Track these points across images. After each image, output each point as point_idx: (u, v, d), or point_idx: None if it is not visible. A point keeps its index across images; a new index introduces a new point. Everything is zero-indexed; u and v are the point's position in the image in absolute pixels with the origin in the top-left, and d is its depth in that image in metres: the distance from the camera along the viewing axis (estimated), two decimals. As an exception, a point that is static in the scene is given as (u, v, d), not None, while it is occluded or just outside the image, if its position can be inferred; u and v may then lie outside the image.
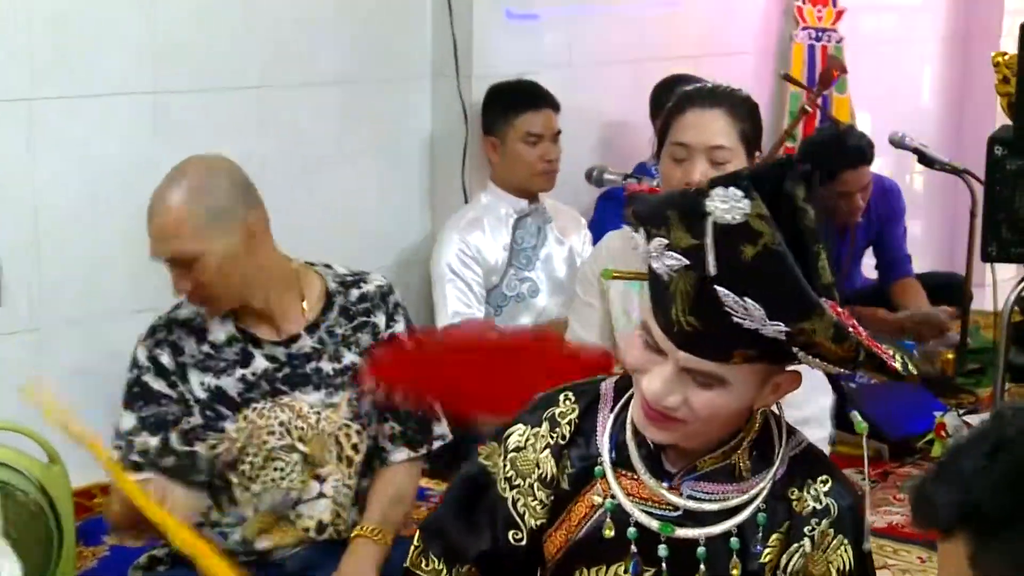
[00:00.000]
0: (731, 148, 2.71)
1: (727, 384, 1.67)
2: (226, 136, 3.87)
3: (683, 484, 1.79)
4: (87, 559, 3.41)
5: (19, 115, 3.44)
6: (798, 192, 1.61)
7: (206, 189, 2.57)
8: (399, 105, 4.43)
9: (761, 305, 1.57)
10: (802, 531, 1.79)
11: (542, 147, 4.12)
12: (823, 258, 1.64)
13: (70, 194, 3.57)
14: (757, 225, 1.55)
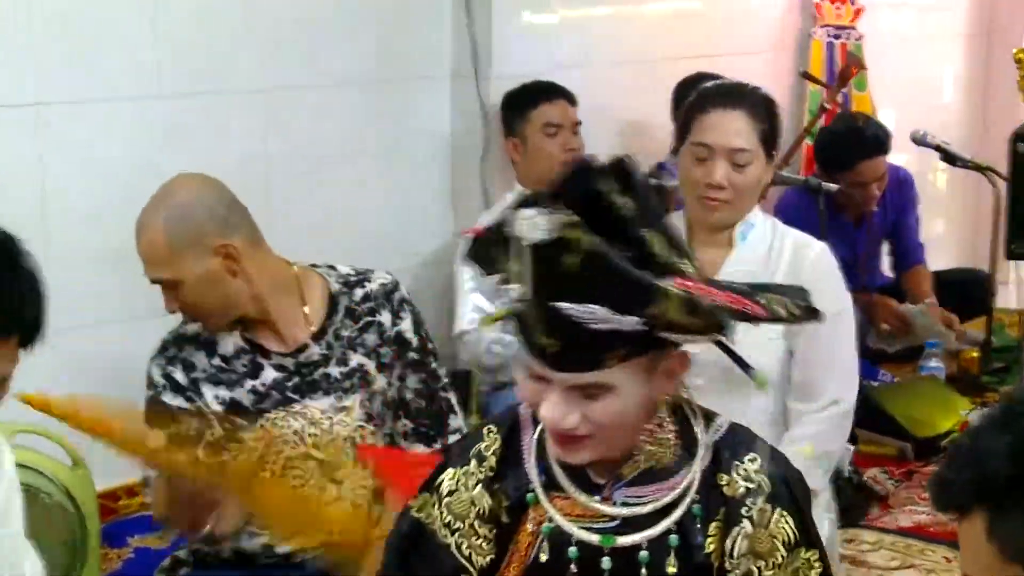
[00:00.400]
0: (751, 150, 2.73)
1: (615, 388, 1.67)
2: (236, 139, 3.88)
3: (614, 493, 1.79)
4: (112, 561, 3.42)
5: (27, 119, 3.45)
6: (608, 188, 1.63)
7: (181, 216, 2.60)
8: (418, 106, 4.43)
9: (605, 306, 1.59)
10: (739, 513, 1.78)
11: (562, 137, 4.10)
12: (656, 241, 1.64)
13: (77, 198, 3.57)
14: (569, 234, 1.58)
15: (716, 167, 2.72)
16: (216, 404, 2.64)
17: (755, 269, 2.78)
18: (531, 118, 4.11)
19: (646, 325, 1.61)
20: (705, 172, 2.73)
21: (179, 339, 2.70)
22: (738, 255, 2.80)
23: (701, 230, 2.83)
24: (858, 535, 3.79)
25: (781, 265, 2.79)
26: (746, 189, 2.76)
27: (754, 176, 2.76)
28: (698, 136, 2.75)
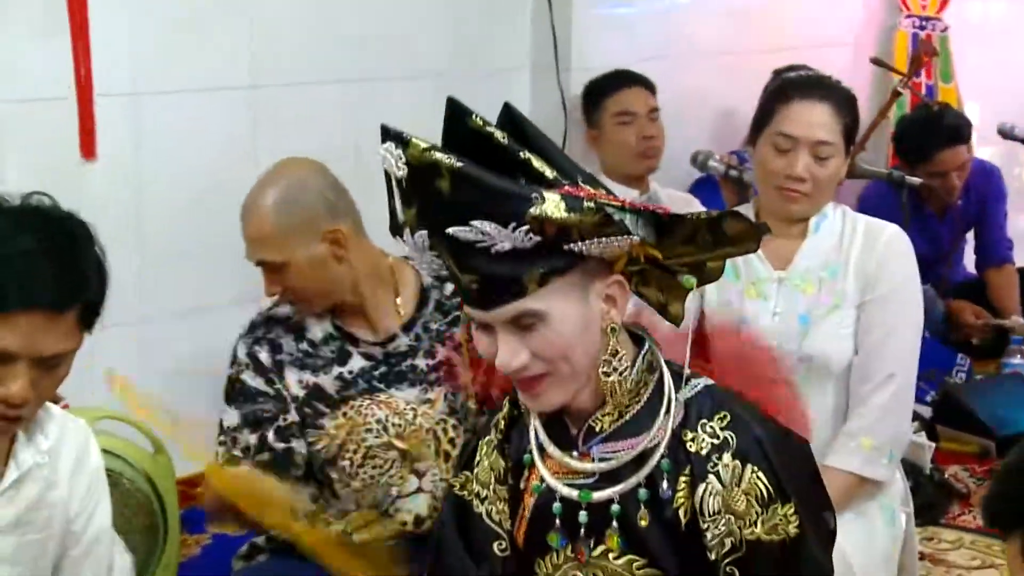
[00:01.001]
0: (834, 143, 2.71)
1: (548, 315, 1.72)
2: (325, 129, 3.91)
3: (592, 449, 1.83)
4: (191, 547, 3.47)
5: (124, 109, 3.50)
6: (475, 123, 1.70)
7: (293, 199, 2.61)
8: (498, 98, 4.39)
9: (489, 221, 1.63)
10: (705, 469, 1.79)
11: (638, 125, 4.07)
12: (537, 161, 1.69)
13: (170, 188, 3.62)
14: (429, 158, 1.64)
15: (798, 159, 2.69)
16: (298, 388, 2.66)
17: (828, 257, 2.76)
18: (606, 107, 4.09)
19: (534, 234, 1.64)
20: (786, 163, 2.71)
21: (269, 320, 2.72)
22: (811, 245, 2.77)
23: (774, 220, 2.79)
24: (938, 533, 3.75)
25: (854, 250, 2.76)
26: (826, 182, 2.74)
27: (834, 170, 2.73)
28: (781, 126, 2.72)
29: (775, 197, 2.77)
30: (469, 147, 1.68)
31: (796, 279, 2.76)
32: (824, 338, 2.73)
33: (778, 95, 2.78)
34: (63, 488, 2.08)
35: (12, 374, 1.84)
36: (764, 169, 2.77)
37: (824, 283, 2.75)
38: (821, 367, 2.75)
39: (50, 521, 2.05)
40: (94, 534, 2.15)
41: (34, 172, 3.05)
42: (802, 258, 2.76)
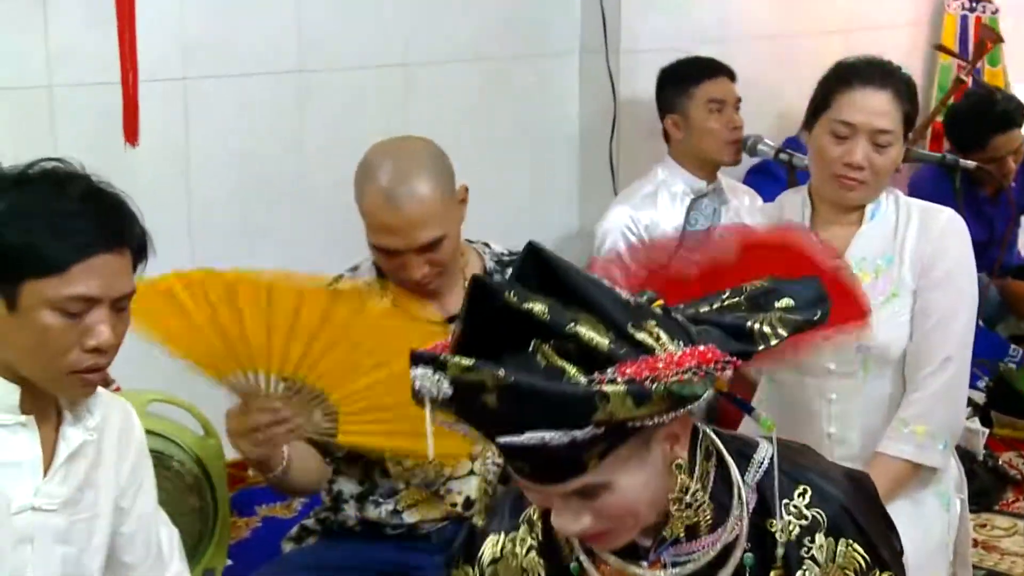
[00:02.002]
0: (894, 132, 2.67)
1: (611, 484, 1.56)
2: (372, 114, 3.92)
3: (662, 555, 1.69)
4: (240, 529, 3.49)
5: (174, 94, 3.51)
6: (511, 300, 1.49)
7: (439, 170, 2.54)
8: (547, 81, 4.42)
9: (547, 428, 1.46)
10: (800, 555, 1.69)
11: (727, 114, 4.01)
12: (586, 328, 1.49)
13: (220, 172, 3.63)
14: (472, 378, 1.47)
15: (857, 147, 2.65)
16: None
17: (884, 245, 2.73)
18: (694, 94, 4.01)
19: (601, 429, 1.47)
20: (845, 151, 2.66)
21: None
22: (866, 232, 2.74)
23: (828, 208, 2.77)
24: (991, 520, 3.72)
25: (910, 235, 2.73)
26: (884, 171, 2.70)
27: (893, 158, 2.69)
28: (840, 113, 2.67)
29: (832, 184, 2.73)
30: (502, 327, 1.50)
31: (851, 267, 2.73)
32: (883, 327, 2.70)
33: (837, 80, 2.73)
34: (109, 467, 2.09)
35: (98, 319, 1.88)
36: (821, 156, 2.72)
37: (881, 272, 2.72)
38: (880, 357, 2.72)
39: (97, 500, 2.07)
40: (143, 510, 2.17)
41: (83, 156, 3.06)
42: (857, 246, 2.73)
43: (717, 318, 1.61)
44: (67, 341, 1.88)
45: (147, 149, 3.45)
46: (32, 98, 3.24)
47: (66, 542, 2.02)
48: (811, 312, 1.65)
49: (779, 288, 1.67)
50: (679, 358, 1.49)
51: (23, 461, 1.96)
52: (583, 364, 1.48)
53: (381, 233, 2.51)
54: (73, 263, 1.85)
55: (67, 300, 1.85)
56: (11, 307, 1.87)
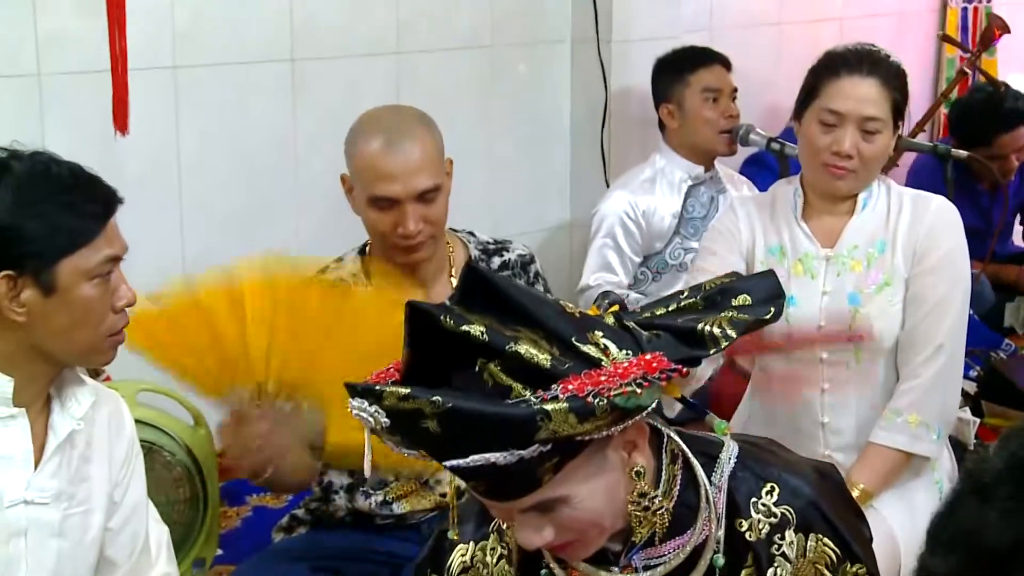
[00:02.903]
0: (883, 119, 2.67)
1: (570, 497, 1.54)
2: (366, 103, 3.88)
3: (632, 559, 1.68)
4: (231, 519, 3.48)
5: (164, 82, 3.50)
6: (447, 324, 1.47)
7: (432, 127, 2.61)
8: (539, 70, 4.41)
9: (494, 450, 1.44)
10: (771, 552, 1.68)
11: (723, 104, 4.00)
12: (526, 346, 1.47)
13: (210, 160, 3.62)
14: (408, 406, 1.44)
15: (845, 135, 2.65)
16: None
17: (875, 233, 2.72)
18: (690, 82, 3.99)
19: (543, 445, 1.46)
20: (833, 139, 2.66)
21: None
22: (858, 221, 2.74)
23: (820, 198, 2.77)
24: (982, 510, 3.70)
25: (902, 224, 2.72)
26: (873, 159, 2.69)
27: (882, 146, 2.69)
28: (828, 102, 2.67)
29: (820, 173, 2.72)
30: (442, 349, 1.48)
31: (844, 257, 2.73)
32: (875, 316, 2.70)
33: (825, 69, 2.73)
34: (102, 459, 2.08)
35: (119, 279, 1.99)
36: (810, 145, 2.72)
37: (873, 260, 2.72)
38: (873, 346, 2.71)
39: (91, 495, 2.06)
40: (131, 503, 2.16)
41: (73, 145, 3.05)
42: (849, 235, 2.73)
43: (670, 321, 1.60)
44: (104, 307, 1.96)
45: (138, 138, 3.43)
46: (21, 86, 3.23)
47: (60, 536, 2.02)
48: (764, 309, 1.63)
49: (736, 286, 1.66)
50: (624, 370, 1.48)
51: (14, 454, 1.96)
52: (528, 381, 1.46)
53: (380, 181, 2.53)
54: (99, 231, 1.94)
55: (100, 265, 1.94)
56: (48, 291, 1.90)
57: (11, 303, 1.90)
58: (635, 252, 3.90)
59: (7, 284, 1.89)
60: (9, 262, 1.89)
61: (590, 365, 1.48)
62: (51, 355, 1.96)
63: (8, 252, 1.88)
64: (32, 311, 1.91)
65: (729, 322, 1.59)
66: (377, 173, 2.54)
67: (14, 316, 1.90)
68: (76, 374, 2.06)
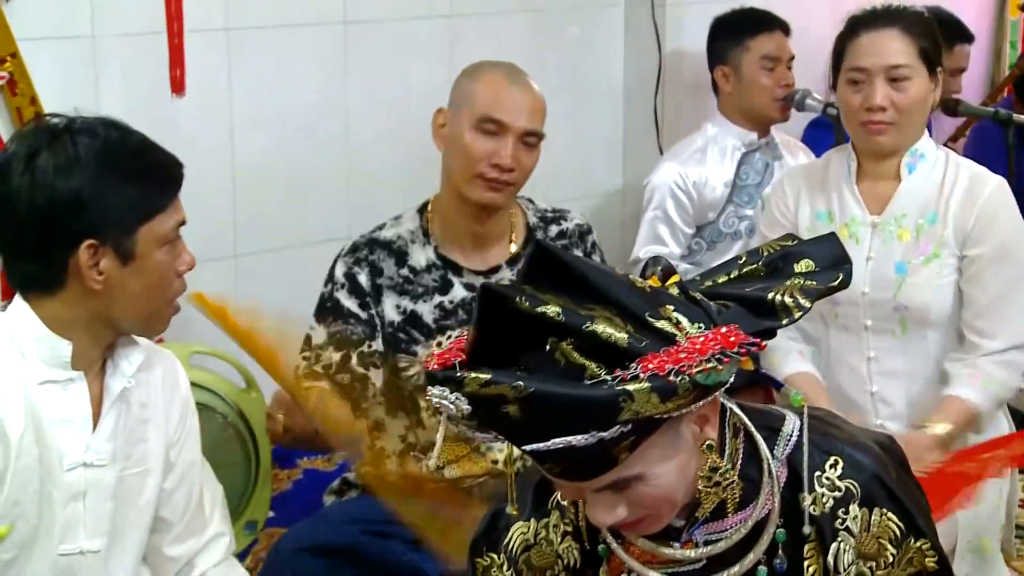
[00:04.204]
0: (910, 66, 2.67)
1: (645, 475, 1.53)
2: (417, 66, 3.89)
3: (693, 534, 1.66)
4: (282, 481, 3.49)
5: (217, 44, 3.49)
6: (523, 305, 1.45)
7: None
8: (591, 33, 4.37)
9: (575, 433, 1.43)
10: (834, 527, 1.66)
11: (779, 72, 3.94)
12: (603, 324, 1.44)
13: (263, 124, 3.61)
14: (490, 392, 1.43)
15: (875, 89, 2.67)
16: (395, 313, 2.66)
17: (926, 203, 2.70)
18: (749, 47, 3.92)
19: (628, 426, 1.44)
20: (864, 96, 2.69)
21: (372, 243, 2.72)
22: (906, 188, 2.71)
23: (869, 162, 2.76)
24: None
25: (955, 198, 2.69)
26: (909, 108, 2.68)
27: (917, 95, 2.68)
28: (853, 61, 2.71)
29: (861, 134, 2.73)
30: (512, 330, 1.46)
31: (891, 224, 2.71)
32: (922, 288, 2.68)
33: (846, 33, 2.76)
34: (159, 421, 2.10)
35: (183, 245, 2.04)
36: (846, 108, 2.74)
37: (922, 230, 2.69)
38: (919, 317, 2.70)
39: (147, 456, 2.07)
40: (186, 463, 2.17)
41: (127, 107, 3.06)
42: (897, 202, 2.71)
43: (736, 290, 1.58)
44: (171, 273, 2.00)
45: (190, 101, 3.43)
46: (76, 48, 3.23)
47: (117, 497, 2.03)
48: (831, 275, 1.61)
49: (797, 249, 1.63)
50: (701, 345, 1.46)
51: (73, 417, 1.97)
52: (603, 360, 1.44)
53: (498, 105, 2.64)
54: (173, 197, 1.99)
55: (172, 231, 1.99)
56: (127, 259, 1.94)
57: (91, 271, 1.92)
58: (687, 223, 3.86)
59: (89, 253, 1.91)
60: (91, 231, 1.90)
61: (666, 341, 1.46)
62: (115, 322, 1.98)
63: (90, 221, 1.90)
64: (109, 279, 1.93)
65: (800, 290, 1.56)
66: (497, 97, 2.65)
67: (92, 284, 1.92)
68: (130, 336, 2.06)
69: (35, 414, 1.93)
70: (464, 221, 2.68)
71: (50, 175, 1.89)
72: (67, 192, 1.89)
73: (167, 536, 2.16)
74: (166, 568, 2.18)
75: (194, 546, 2.19)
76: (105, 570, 2.05)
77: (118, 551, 2.06)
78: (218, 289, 3.47)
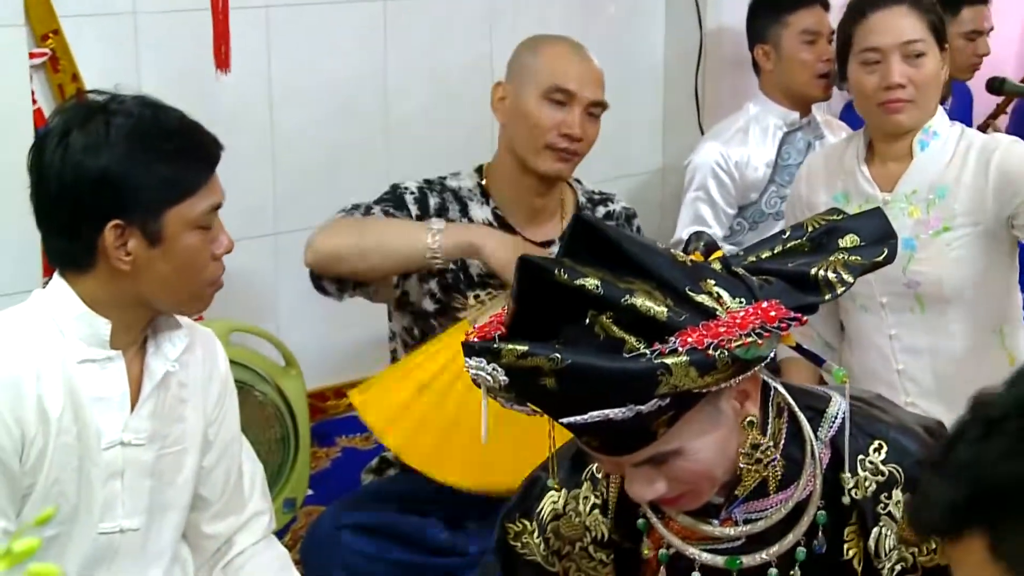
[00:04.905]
0: (924, 40, 2.67)
1: (684, 449, 1.52)
2: (458, 42, 3.87)
3: (733, 512, 1.65)
4: (321, 460, 3.50)
5: (256, 21, 3.49)
6: (561, 278, 1.45)
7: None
8: (631, 9, 4.34)
9: (612, 406, 1.42)
10: (876, 512, 1.64)
11: (820, 46, 3.90)
12: (642, 298, 1.44)
13: (304, 101, 3.61)
14: (527, 363, 1.43)
15: (891, 67, 2.66)
16: None
17: (936, 178, 2.69)
18: (788, 23, 3.89)
19: (666, 399, 1.44)
20: (881, 75, 2.68)
21: (441, 185, 2.77)
22: (917, 165, 2.70)
23: (881, 141, 2.77)
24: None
25: (967, 168, 2.68)
26: (926, 84, 2.68)
27: (932, 70, 2.69)
28: (864, 43, 2.70)
29: (880, 115, 2.73)
30: (551, 303, 1.46)
31: (901, 202, 2.72)
32: (932, 262, 2.68)
33: (853, 17, 2.76)
34: (197, 400, 2.09)
35: (219, 228, 2.00)
36: (862, 91, 2.73)
37: (932, 205, 2.70)
38: (934, 293, 2.69)
39: (185, 435, 2.07)
40: (225, 441, 2.16)
41: (167, 83, 3.06)
42: (907, 180, 2.72)
43: (779, 265, 1.56)
44: (205, 256, 1.97)
45: (231, 77, 3.42)
46: (117, 24, 3.23)
47: (155, 476, 2.03)
48: (876, 251, 1.60)
49: (842, 225, 1.62)
50: (741, 320, 1.44)
51: (112, 396, 1.97)
52: (643, 333, 1.43)
53: (564, 78, 2.71)
54: (205, 180, 1.95)
55: (203, 215, 1.95)
56: (155, 241, 1.91)
57: (118, 251, 1.91)
58: (729, 204, 3.82)
59: (115, 233, 1.90)
60: (118, 211, 1.89)
61: (705, 316, 1.45)
62: (148, 303, 1.97)
63: (117, 201, 1.89)
64: (137, 260, 1.91)
65: (844, 266, 1.55)
66: (564, 67, 2.72)
67: (120, 265, 1.91)
68: (171, 316, 2.06)
69: (74, 392, 1.93)
70: (524, 194, 2.71)
71: (79, 153, 1.88)
72: (94, 171, 1.88)
73: (206, 514, 2.16)
74: (205, 545, 2.18)
75: (233, 524, 2.18)
76: (144, 548, 2.05)
77: (157, 529, 2.06)
78: (257, 266, 3.51)
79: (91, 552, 1.99)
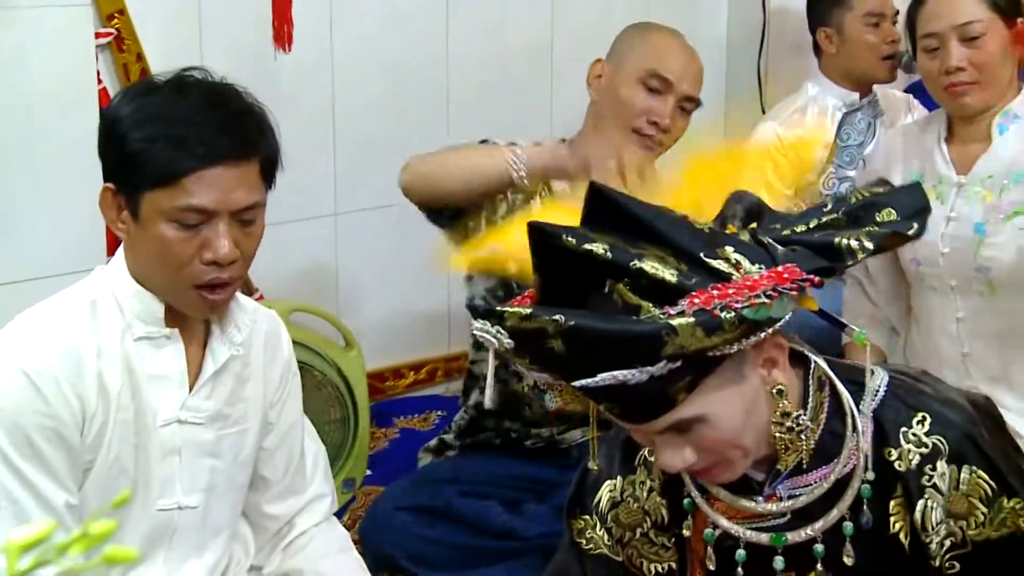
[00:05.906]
0: (982, 20, 2.64)
1: (707, 416, 1.51)
2: (518, 24, 3.86)
3: (776, 488, 1.64)
4: (379, 440, 3.51)
5: (321, 2, 3.49)
6: (568, 243, 1.45)
7: None
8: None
9: (622, 367, 1.42)
10: (921, 484, 1.62)
11: (884, 28, 3.84)
12: (650, 263, 1.44)
13: (364, 81, 3.61)
14: (531, 326, 1.43)
15: (949, 51, 2.65)
16: None
17: (1013, 163, 2.67)
18: (852, 6, 3.84)
19: (672, 362, 1.43)
20: (941, 61, 2.67)
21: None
22: (994, 150, 2.67)
23: (959, 125, 2.75)
24: None
25: None
26: (988, 64, 2.66)
27: (994, 49, 2.66)
28: (923, 29, 2.70)
29: (947, 100, 2.72)
30: (571, 272, 1.47)
31: (976, 185, 2.70)
32: (1003, 248, 2.65)
33: (914, 4, 2.76)
34: (258, 381, 2.08)
35: (215, 233, 1.85)
36: (928, 77, 2.74)
37: (1006, 190, 2.66)
38: (1005, 278, 2.66)
39: (246, 415, 2.07)
40: (287, 423, 2.16)
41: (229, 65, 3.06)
42: (985, 163, 2.70)
43: (809, 237, 1.56)
44: (185, 254, 1.85)
45: (292, 59, 3.43)
46: (181, 4, 3.24)
47: (214, 455, 2.03)
48: (906, 224, 1.58)
49: (881, 200, 1.61)
50: (753, 282, 1.45)
51: (169, 374, 1.96)
52: (656, 298, 1.44)
53: (665, 65, 2.71)
54: (185, 174, 1.82)
55: (180, 212, 1.83)
56: (135, 217, 1.88)
57: (115, 215, 1.90)
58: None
59: (110, 194, 1.89)
60: (112, 176, 1.89)
61: (718, 279, 1.46)
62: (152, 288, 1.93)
63: (115, 166, 1.88)
64: (128, 231, 1.89)
65: (867, 235, 1.54)
66: (666, 55, 2.72)
67: (116, 230, 1.91)
68: (236, 299, 2.04)
69: (132, 369, 1.92)
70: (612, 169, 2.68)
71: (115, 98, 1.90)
72: (106, 128, 1.89)
73: (267, 494, 2.16)
74: (267, 525, 2.19)
75: (294, 505, 2.19)
76: (204, 526, 2.05)
77: (216, 508, 2.06)
78: (318, 247, 3.52)
79: (150, 529, 1.99)
